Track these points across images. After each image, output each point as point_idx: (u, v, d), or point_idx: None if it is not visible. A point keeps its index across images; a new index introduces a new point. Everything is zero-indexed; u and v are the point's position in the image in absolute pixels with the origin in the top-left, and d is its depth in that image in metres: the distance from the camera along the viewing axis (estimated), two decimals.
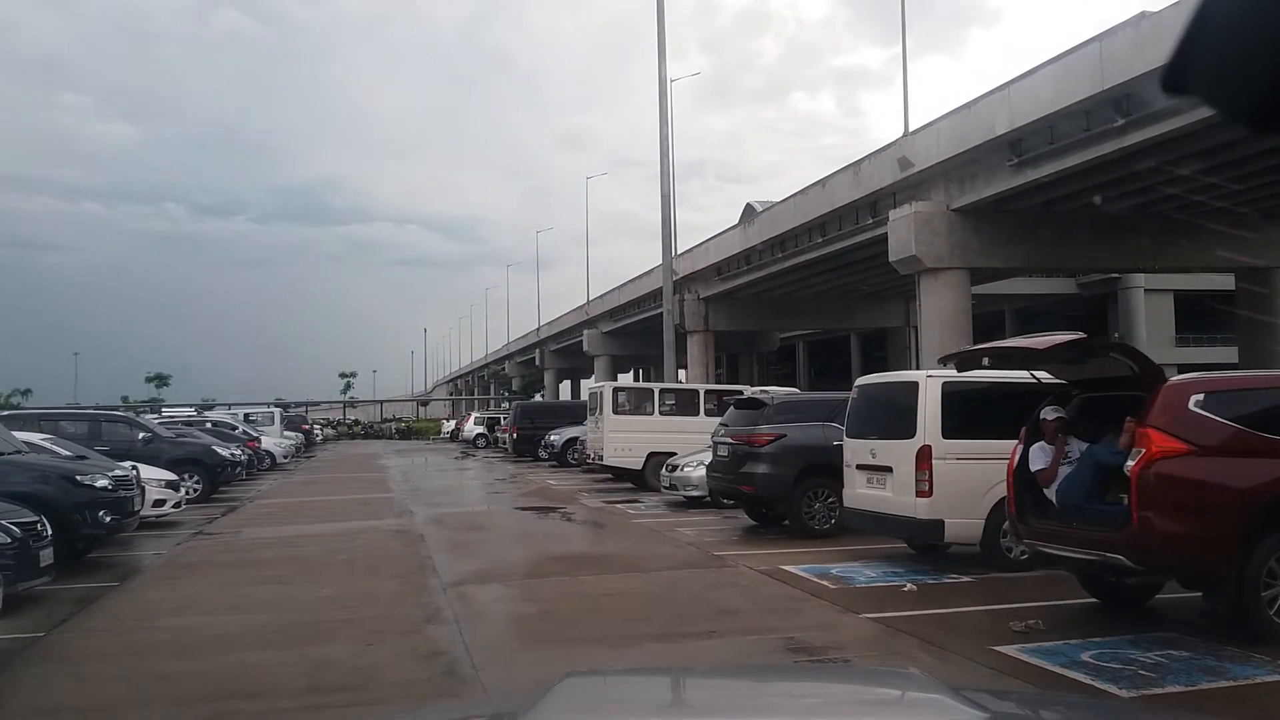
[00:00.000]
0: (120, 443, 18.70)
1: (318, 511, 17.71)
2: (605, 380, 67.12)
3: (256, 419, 34.89)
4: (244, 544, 13.48)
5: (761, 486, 12.73)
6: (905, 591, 9.21)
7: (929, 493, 9.86)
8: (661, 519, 15.20)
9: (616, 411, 19.89)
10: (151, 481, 15.28)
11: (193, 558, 12.24)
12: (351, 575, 10.65)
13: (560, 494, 19.88)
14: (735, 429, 13.29)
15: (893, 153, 32.07)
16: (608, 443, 19.65)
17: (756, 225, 42.95)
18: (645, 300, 56.29)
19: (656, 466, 19.42)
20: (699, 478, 16.14)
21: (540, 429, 31.15)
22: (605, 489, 20.42)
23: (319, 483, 25.31)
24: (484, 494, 21.65)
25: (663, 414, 20.02)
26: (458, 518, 16.16)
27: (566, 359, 77.09)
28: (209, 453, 19.49)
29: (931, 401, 9.95)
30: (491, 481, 24.75)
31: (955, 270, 31.53)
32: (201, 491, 19.17)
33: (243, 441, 27.42)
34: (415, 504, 18.48)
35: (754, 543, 12.63)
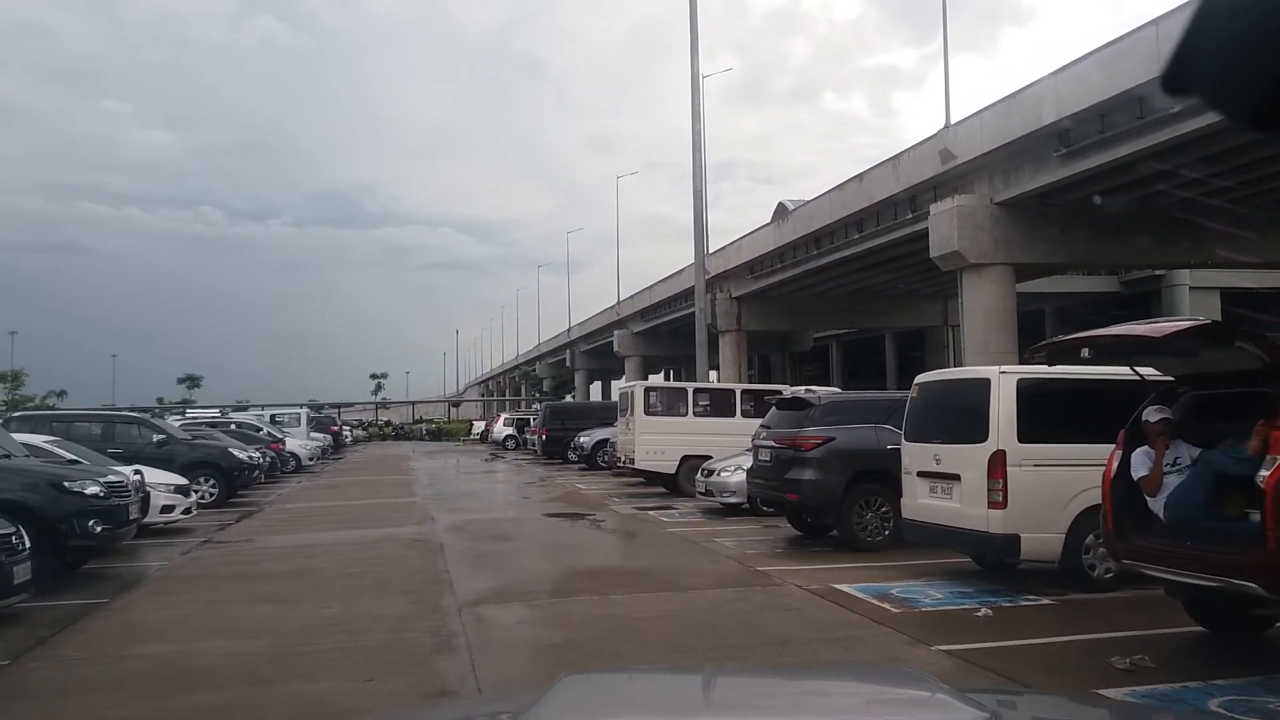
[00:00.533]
0: (134, 445, 17.91)
1: (335, 518, 16.76)
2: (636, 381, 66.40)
3: (283, 420, 34.14)
4: (252, 554, 12.53)
5: (808, 494, 11.58)
6: (979, 617, 8.05)
7: (1003, 504, 8.69)
8: (698, 528, 14.09)
9: (648, 412, 18.78)
10: (160, 486, 14.43)
11: (194, 570, 11.29)
12: (360, 592, 9.63)
13: (590, 499, 18.82)
14: (778, 431, 12.15)
15: (933, 145, 30.78)
16: (639, 445, 18.55)
17: (791, 222, 41.71)
18: (676, 300, 55.18)
19: (691, 470, 18.31)
20: (737, 483, 15.03)
21: (570, 430, 30.13)
22: (637, 494, 19.33)
23: (342, 486, 24.41)
24: (510, 499, 20.63)
25: (697, 415, 18.88)
26: (481, 525, 15.14)
27: (597, 360, 76.08)
28: (226, 455, 18.62)
29: (1006, 401, 8.78)
30: (518, 485, 23.73)
31: (999, 266, 30.19)
32: (218, 496, 18.31)
33: (266, 443, 26.66)
34: (438, 509, 17.49)
35: (800, 556, 11.48)
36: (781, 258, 43.51)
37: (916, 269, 42.31)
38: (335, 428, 44.82)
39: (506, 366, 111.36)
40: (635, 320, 62.27)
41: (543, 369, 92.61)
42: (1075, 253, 31.25)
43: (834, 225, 38.21)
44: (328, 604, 9.08)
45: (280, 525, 15.75)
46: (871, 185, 34.92)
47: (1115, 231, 29.77)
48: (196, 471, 18.25)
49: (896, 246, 36.42)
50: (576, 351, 77.51)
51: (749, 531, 13.46)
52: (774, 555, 11.52)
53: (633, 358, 62.99)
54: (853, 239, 37.84)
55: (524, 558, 11.95)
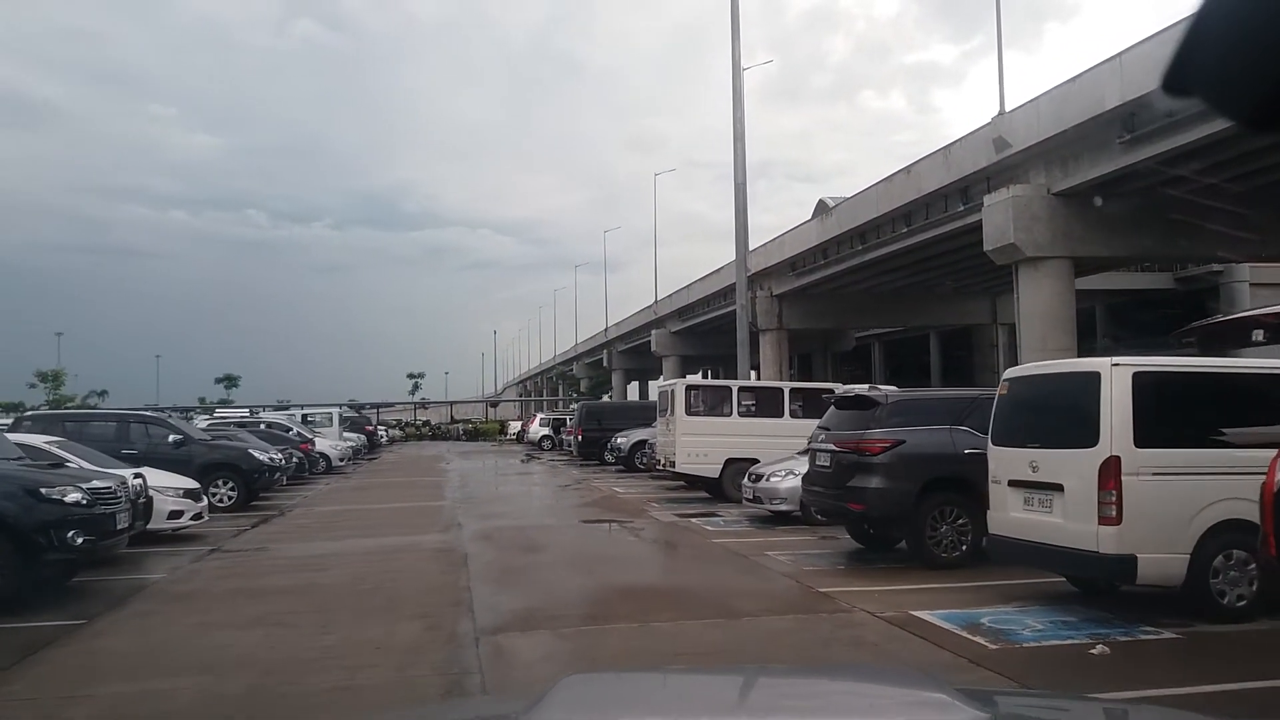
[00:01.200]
0: (148, 446, 16.90)
1: (358, 524, 15.62)
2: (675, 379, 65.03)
3: (315, 420, 33.20)
4: (259, 566, 11.38)
5: (874, 504, 10.20)
6: (1095, 655, 6.66)
7: (1116, 519, 7.28)
8: (746, 538, 12.75)
9: (690, 412, 17.43)
10: (167, 490, 13.37)
11: (192, 584, 10.14)
12: (368, 614, 8.42)
13: (627, 504, 17.53)
14: (840, 434, 10.77)
15: (987, 133, 29.19)
16: (680, 447, 17.21)
17: (835, 217, 40.19)
18: (714, 299, 53.80)
19: (736, 474, 16.97)
20: (788, 489, 13.68)
21: (606, 431, 28.86)
22: (677, 499, 18.02)
23: (370, 489, 23.33)
24: (543, 503, 19.39)
25: (742, 415, 17.50)
26: (510, 533, 13.91)
27: (634, 359, 74.87)
28: (245, 457, 17.55)
29: (1120, 398, 7.37)
30: (552, 489, 22.49)
31: (1057, 260, 28.59)
32: (237, 499, 17.25)
33: (295, 444, 25.68)
34: (466, 515, 16.30)
35: (865, 574, 10.11)
36: (824, 253, 42.02)
37: (966, 264, 40.66)
38: (370, 427, 43.87)
39: (544, 367, 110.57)
40: (673, 319, 60.98)
41: (580, 369, 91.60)
42: (1139, 245, 29.50)
43: (880, 219, 36.71)
44: (329, 629, 7.87)
45: (298, 532, 14.63)
46: (920, 177, 33.39)
47: (1184, 222, 28.01)
48: (214, 474, 17.23)
49: (946, 240, 34.88)
50: (614, 351, 76.39)
51: (803, 543, 12.10)
52: (835, 573, 10.16)
53: (670, 357, 61.72)
54: (900, 233, 36.30)
55: (555, 573, 10.67)
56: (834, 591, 8.95)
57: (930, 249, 36.99)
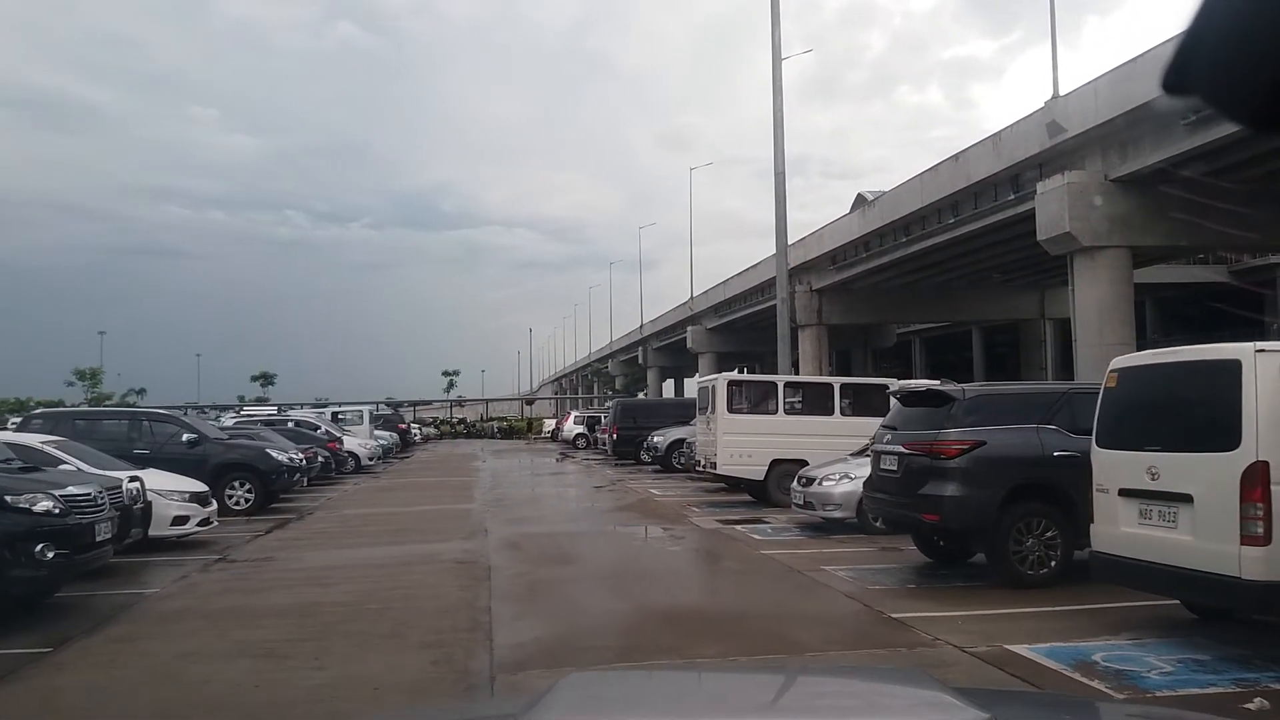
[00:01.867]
0: (161, 445, 15.95)
1: (378, 529, 14.53)
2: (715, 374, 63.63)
3: (345, 418, 32.27)
4: (263, 579, 10.28)
5: (951, 514, 8.88)
6: (1253, 710, 5.34)
7: (1264, 538, 5.95)
8: (798, 549, 11.46)
9: (732, 410, 16.13)
10: (172, 494, 12.36)
11: (183, 602, 9.05)
12: (372, 642, 7.27)
13: (665, 508, 16.29)
14: (909, 434, 9.45)
15: (1039, 118, 27.63)
16: (722, 447, 15.93)
17: (877, 208, 38.70)
18: (752, 294, 52.41)
19: (782, 477, 15.72)
20: (843, 495, 12.40)
21: (643, 429, 27.62)
22: (719, 503, 16.75)
23: (398, 490, 22.28)
24: (575, 507, 18.19)
25: (789, 413, 16.20)
26: (539, 541, 12.73)
27: (670, 357, 73.66)
28: (263, 457, 16.53)
29: (1268, 392, 6.04)
30: (586, 490, 21.30)
31: (1115, 249, 27.00)
32: (254, 502, 16.24)
33: (322, 442, 24.74)
34: (494, 519, 15.16)
35: (940, 595, 8.80)
36: (866, 246, 40.55)
37: (1013, 257, 39.07)
38: (403, 425, 42.97)
39: (579, 364, 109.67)
40: (709, 316, 59.68)
41: (615, 366, 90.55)
42: (1203, 234, 27.73)
43: (925, 210, 35.20)
44: (323, 662, 6.73)
45: (312, 539, 13.56)
46: (969, 165, 31.87)
47: (1251, 209, 26.31)
48: (230, 475, 16.25)
49: (995, 231, 33.39)
50: (649, 348, 75.20)
51: (863, 556, 10.80)
52: (906, 593, 8.86)
53: (706, 354, 60.42)
54: (946, 224, 34.79)
55: (586, 590, 9.46)
56: (909, 618, 7.67)
57: (977, 240, 35.45)
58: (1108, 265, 26.93)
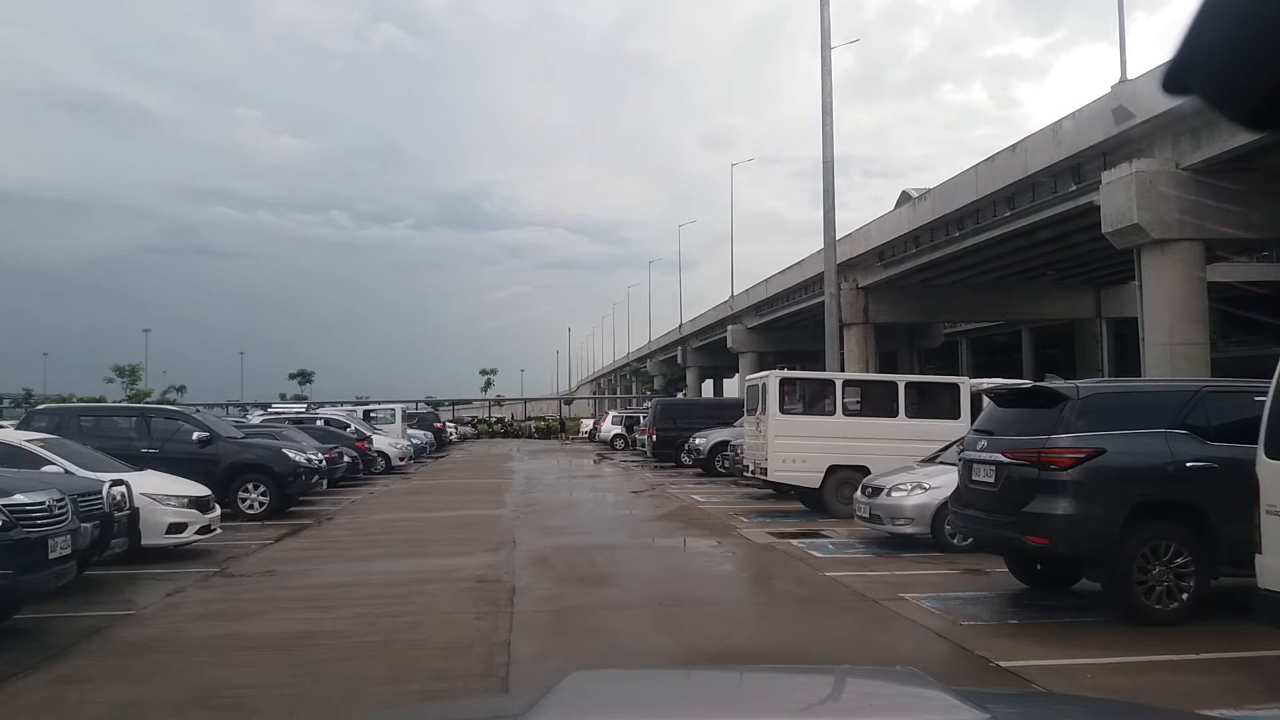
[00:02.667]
0: (169, 443, 14.81)
1: (397, 539, 13.21)
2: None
3: (378, 416, 31.11)
4: (256, 600, 8.97)
5: (1062, 536, 7.33)
6: None
7: None
8: (867, 570, 9.95)
9: (785, 410, 14.58)
10: (168, 498, 11.14)
11: (156, 629, 7.73)
12: (362, 688, 5.91)
13: (711, 518, 14.81)
14: (1010, 440, 7.89)
15: (1105, 104, 25.81)
16: (773, 451, 14.41)
17: (929, 201, 36.91)
18: (795, 292, 50.77)
19: (840, 485, 14.22)
20: (916, 508, 10.88)
21: (683, 430, 26.17)
22: (768, 512, 15.25)
23: (426, 492, 21.00)
24: (612, 515, 16.71)
25: (847, 414, 14.64)
26: (572, 556, 11.33)
27: (709, 356, 72.11)
28: (279, 458, 15.29)
29: None
30: (624, 496, 19.87)
31: (1187, 242, 25.13)
32: (269, 505, 15.02)
33: (351, 442, 23.57)
34: (525, 527, 13.82)
35: (1050, 634, 7.25)
36: (916, 241, 38.79)
37: (1069, 253, 37.25)
38: (438, 424, 41.80)
39: (618, 364, 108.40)
40: (750, 315, 58.09)
41: (653, 366, 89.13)
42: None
43: (980, 203, 33.44)
44: (298, 718, 5.39)
45: (325, 549, 12.27)
46: (1027, 155, 30.08)
47: None
48: (244, 476, 15.06)
49: (1053, 225, 31.63)
50: (688, 348, 73.72)
51: (945, 580, 9.28)
52: (1007, 631, 7.33)
53: (747, 354, 58.87)
54: (1002, 217, 33.00)
55: (624, 622, 8.02)
56: (1020, 667, 6.15)
57: (1033, 235, 33.66)
58: (1179, 259, 25.06)
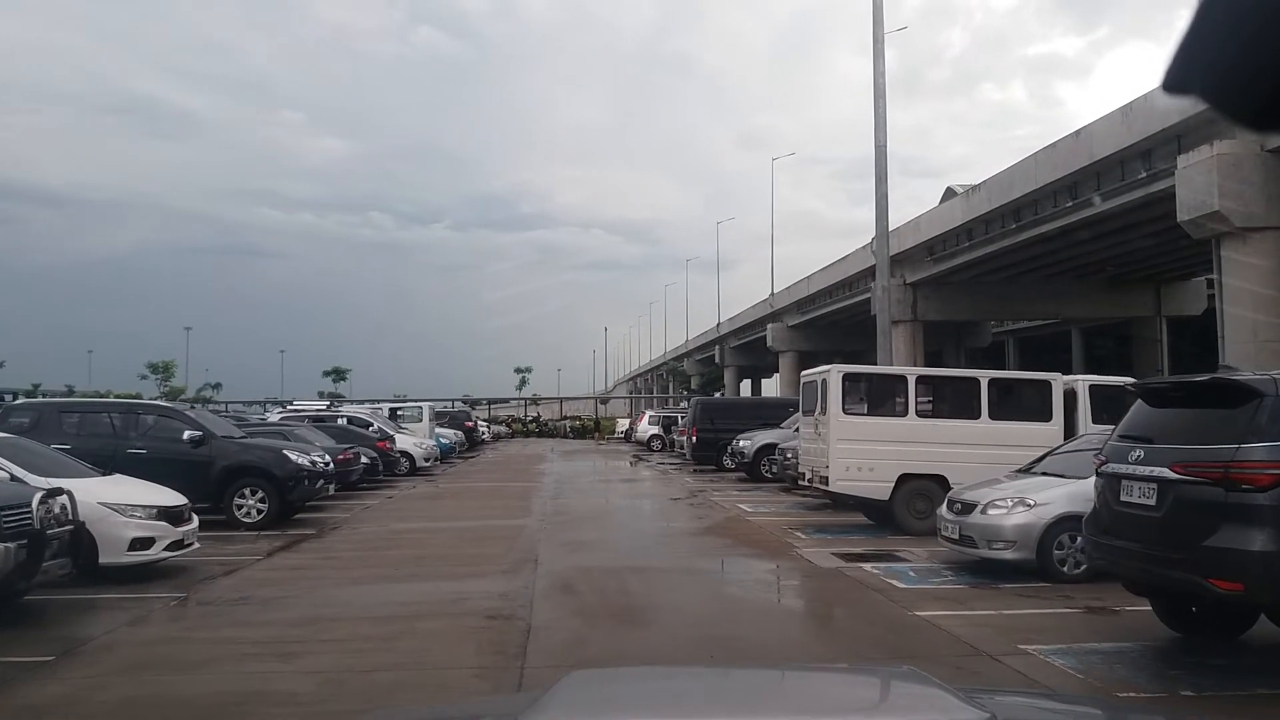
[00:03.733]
0: (158, 443, 13.19)
1: (404, 555, 11.42)
2: (792, 378, 59.75)
3: (404, 415, 29.48)
4: (209, 641, 7.16)
5: (1264, 581, 5.35)
6: None
7: None
8: (966, 609, 7.97)
9: (848, 410, 12.61)
10: (132, 509, 9.45)
11: (60, 687, 5.92)
12: None
13: (762, 534, 12.87)
14: (1178, 449, 5.87)
15: None
16: (835, 457, 12.42)
17: (984, 192, 34.66)
18: (838, 289, 48.53)
19: (912, 496, 12.25)
20: (1018, 528, 8.90)
21: (724, 431, 24.20)
22: (828, 526, 13.28)
23: (447, 497, 19.24)
24: (649, 527, 14.78)
25: (921, 415, 12.64)
26: (602, 581, 9.46)
27: (748, 356, 69.92)
28: (279, 461, 13.58)
29: None
30: (662, 504, 17.96)
31: (1274, 231, 22.70)
32: (268, 512, 13.32)
33: (372, 441, 21.92)
34: (550, 542, 12.00)
35: (1244, 713, 5.29)
36: (969, 234, 36.51)
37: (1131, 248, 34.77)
38: (469, 423, 40.15)
39: (654, 364, 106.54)
40: (791, 313, 55.90)
41: (690, 366, 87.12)
42: None
43: (1040, 192, 31.16)
44: None
45: (317, 569, 10.50)
46: (1092, 140, 27.79)
47: None
48: (240, 480, 13.38)
49: (1120, 216, 29.23)
50: (726, 347, 71.58)
51: (1068, 623, 7.31)
52: (1181, 704, 5.36)
53: (787, 353, 56.66)
54: (1063, 208, 30.69)
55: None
56: None
57: (1096, 227, 31.31)
58: (1264, 251, 22.71)
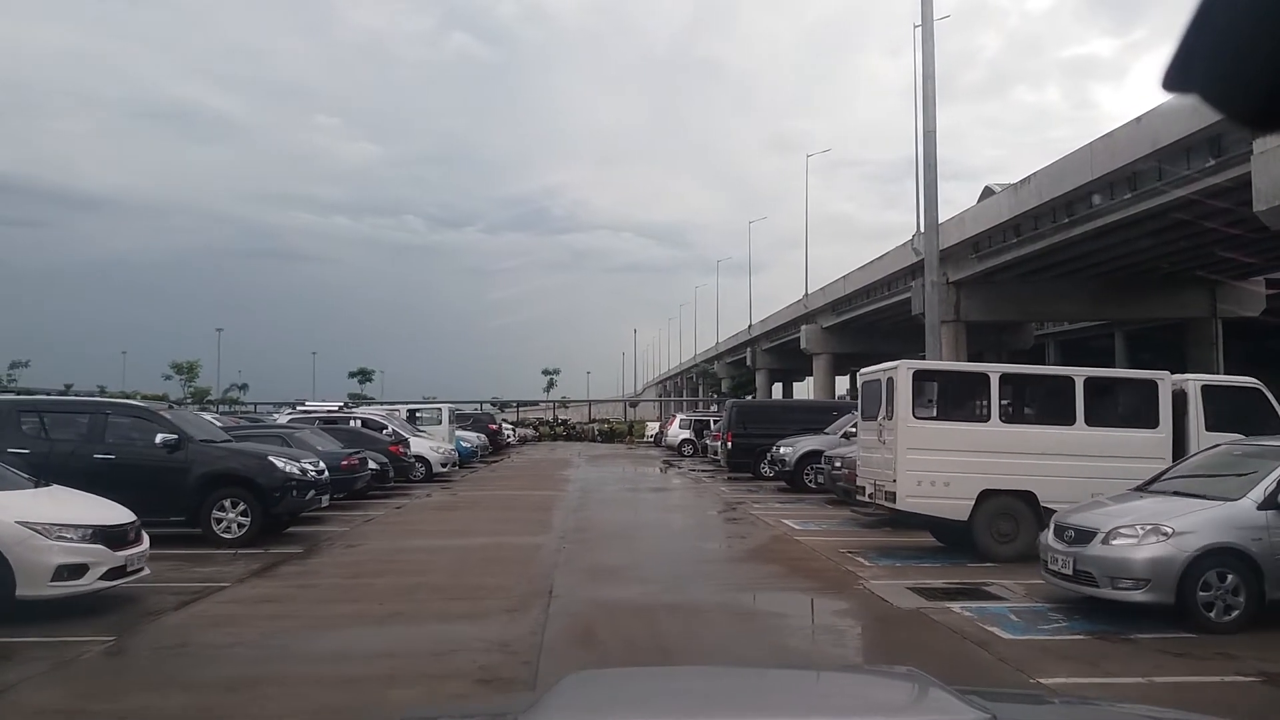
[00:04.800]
0: (128, 448, 11.52)
1: (395, 584, 9.55)
2: (825, 381, 57.54)
3: (423, 417, 27.72)
4: (108, 710, 5.41)
5: None
6: None
7: None
8: (1103, 674, 6.00)
9: (920, 414, 10.63)
10: (61, 529, 7.74)
11: None
12: None
13: (817, 559, 10.88)
14: None
15: None
16: (904, 470, 10.40)
17: (1033, 185, 32.44)
18: (877, 288, 46.33)
19: (996, 516, 10.27)
20: (1151, 564, 6.95)
21: (761, 437, 22.23)
22: (894, 549, 11.28)
23: (461, 508, 17.41)
24: (685, 549, 12.66)
25: (1005, 420, 10.63)
26: (629, 626, 7.57)
27: (780, 358, 67.73)
28: (264, 468, 11.81)
29: None
30: (698, 519, 16.00)
31: None
32: (250, 527, 11.58)
33: (384, 445, 20.21)
34: (569, 567, 10.15)
35: None
36: (1017, 230, 34.30)
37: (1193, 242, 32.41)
38: (493, 426, 38.35)
39: (684, 367, 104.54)
40: (826, 314, 53.68)
41: (721, 369, 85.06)
42: None
43: (1095, 184, 28.93)
44: None
45: (290, 600, 8.70)
46: (1155, 127, 25.54)
47: None
48: (219, 491, 11.65)
49: (1184, 207, 26.94)
50: (758, 350, 69.44)
51: (1245, 695, 5.37)
52: None
53: (822, 355, 54.46)
54: (1123, 199, 28.45)
55: None
56: None
57: (1156, 221, 29.10)
58: None
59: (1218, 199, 25.18)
